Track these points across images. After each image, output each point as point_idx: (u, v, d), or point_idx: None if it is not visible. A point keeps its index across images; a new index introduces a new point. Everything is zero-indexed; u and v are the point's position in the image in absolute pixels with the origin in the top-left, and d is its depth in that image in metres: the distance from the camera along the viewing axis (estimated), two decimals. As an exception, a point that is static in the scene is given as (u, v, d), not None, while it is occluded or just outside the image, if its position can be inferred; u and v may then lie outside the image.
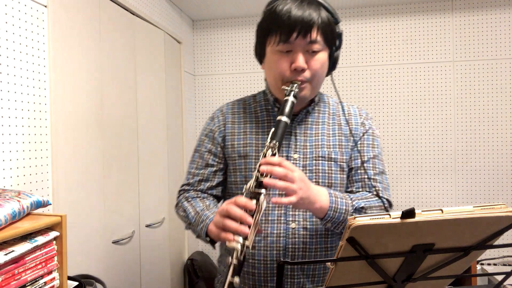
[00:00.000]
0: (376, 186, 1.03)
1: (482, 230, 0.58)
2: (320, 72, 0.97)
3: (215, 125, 1.10)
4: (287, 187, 0.82)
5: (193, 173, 1.11)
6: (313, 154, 1.01)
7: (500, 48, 2.59)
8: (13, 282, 0.87)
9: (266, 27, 0.96)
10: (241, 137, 1.05)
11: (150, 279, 2.10)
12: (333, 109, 1.09)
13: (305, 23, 0.90)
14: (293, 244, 0.98)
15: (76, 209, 1.49)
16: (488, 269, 2.34)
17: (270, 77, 1.01)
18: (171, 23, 2.53)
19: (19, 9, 1.27)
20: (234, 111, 1.10)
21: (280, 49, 0.94)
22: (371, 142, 1.07)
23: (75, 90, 1.51)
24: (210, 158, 1.09)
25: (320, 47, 0.94)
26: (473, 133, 2.63)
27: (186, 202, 1.08)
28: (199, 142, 1.13)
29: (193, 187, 1.11)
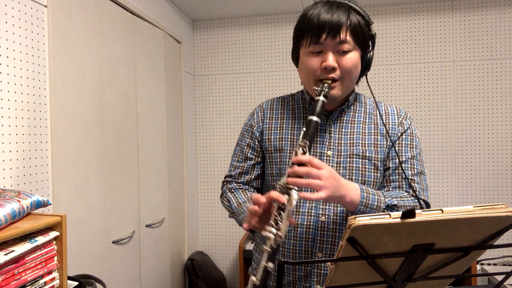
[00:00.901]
0: (414, 187, 1.04)
1: (482, 230, 0.58)
2: (350, 71, 1.00)
3: (254, 121, 1.16)
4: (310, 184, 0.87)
5: (234, 165, 1.18)
6: (348, 151, 1.04)
7: (500, 48, 2.59)
8: (13, 282, 0.87)
9: (299, 31, 1.02)
10: (277, 132, 1.11)
11: (150, 279, 2.10)
12: (370, 108, 1.12)
13: (334, 24, 0.95)
14: (322, 237, 1.02)
15: (76, 209, 1.49)
16: (488, 269, 2.35)
17: (303, 77, 1.06)
18: (171, 23, 2.53)
19: (19, 9, 1.27)
20: (272, 107, 1.16)
21: (312, 50, 0.99)
22: (409, 142, 1.07)
23: (75, 90, 1.51)
24: (249, 152, 1.15)
25: (350, 47, 0.98)
26: (473, 133, 2.63)
27: (230, 193, 1.14)
28: (240, 136, 1.20)
29: (235, 179, 1.17)
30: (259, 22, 2.89)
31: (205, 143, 2.98)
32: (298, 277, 1.05)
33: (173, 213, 2.45)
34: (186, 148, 2.71)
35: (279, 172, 1.08)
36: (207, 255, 2.87)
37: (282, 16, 2.85)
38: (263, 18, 2.88)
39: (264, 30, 2.88)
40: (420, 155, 1.09)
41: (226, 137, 2.95)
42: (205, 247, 2.96)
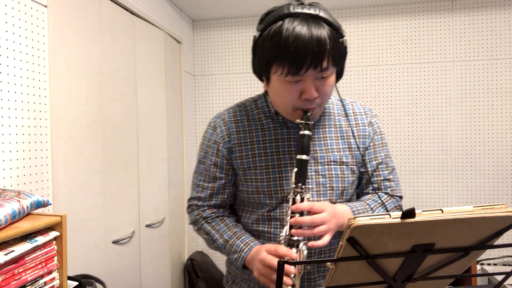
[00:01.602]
0: (391, 186, 1.07)
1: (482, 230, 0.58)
2: (329, 94, 0.95)
3: (218, 136, 1.05)
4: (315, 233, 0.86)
5: (202, 186, 1.08)
6: (325, 158, 1.02)
7: (500, 48, 2.59)
8: (13, 282, 0.87)
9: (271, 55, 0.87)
10: (248, 148, 1.02)
11: (150, 279, 2.10)
12: (337, 108, 1.09)
13: (315, 55, 0.83)
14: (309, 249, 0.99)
15: (76, 209, 1.49)
16: (488, 269, 2.35)
17: (278, 103, 0.97)
18: (171, 23, 2.53)
19: (19, 9, 1.27)
20: (237, 120, 1.05)
21: (289, 80, 0.88)
22: (380, 142, 1.08)
23: (75, 90, 1.51)
24: (217, 171, 1.05)
25: (330, 72, 0.90)
26: (473, 133, 2.63)
27: (207, 224, 1.07)
28: (203, 153, 1.08)
29: (206, 202, 1.08)
30: (259, 22, 2.89)
31: (205, 143, 2.97)
32: None
33: (173, 213, 2.45)
34: (186, 148, 2.71)
35: (255, 190, 1.02)
36: (207, 255, 2.87)
37: (282, 16, 2.85)
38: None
39: (264, 30, 2.88)
40: (389, 150, 1.11)
41: (226, 137, 2.94)
42: (205, 247, 2.96)
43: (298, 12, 0.86)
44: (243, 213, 1.09)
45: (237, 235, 1.02)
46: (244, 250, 0.97)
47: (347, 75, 2.78)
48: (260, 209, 1.03)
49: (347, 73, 2.78)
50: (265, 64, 0.91)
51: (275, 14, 0.88)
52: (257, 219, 1.04)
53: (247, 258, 0.96)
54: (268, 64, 0.90)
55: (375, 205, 1.02)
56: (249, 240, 0.99)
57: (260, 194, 1.02)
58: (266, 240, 1.03)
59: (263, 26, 0.90)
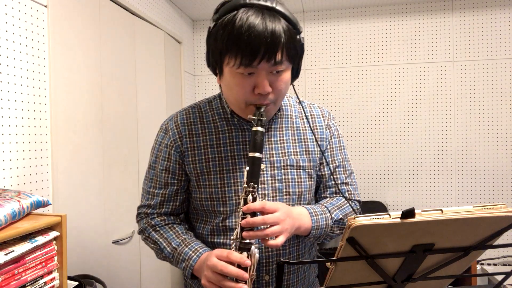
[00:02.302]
0: (348, 190, 1.05)
1: (482, 230, 0.58)
2: (284, 91, 0.91)
3: (170, 139, 0.99)
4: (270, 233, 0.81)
5: (152, 192, 1.01)
6: (281, 163, 0.98)
7: (500, 48, 2.59)
8: (13, 282, 0.87)
9: (223, 45, 0.84)
10: (201, 152, 0.97)
11: (150, 279, 2.10)
12: (295, 110, 1.05)
13: (268, 46, 0.80)
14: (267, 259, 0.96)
15: (76, 209, 1.49)
16: (488, 269, 2.35)
17: (230, 97, 0.93)
18: (171, 23, 2.53)
19: (19, 9, 1.27)
20: (190, 122, 0.99)
21: (241, 72, 0.84)
22: (338, 145, 1.06)
23: (75, 90, 1.51)
24: (168, 177, 0.99)
25: (285, 67, 0.87)
26: (473, 133, 2.63)
27: (154, 232, 1.00)
28: (154, 157, 1.02)
29: (155, 209, 1.01)
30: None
31: (205, 143, 2.98)
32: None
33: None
34: (186, 148, 2.71)
35: (208, 196, 0.97)
36: (207, 255, 2.86)
37: (282, 16, 2.85)
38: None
39: (264, 30, 2.87)
40: (347, 154, 1.08)
41: (226, 137, 2.94)
42: (205, 247, 2.96)
43: (254, 3, 0.83)
44: (197, 223, 1.03)
45: (186, 242, 0.95)
46: (193, 258, 0.91)
47: (347, 75, 2.78)
48: (214, 218, 0.97)
49: (347, 73, 2.78)
50: (217, 55, 0.87)
51: (230, 3, 0.84)
52: (211, 230, 0.98)
53: (195, 266, 0.90)
54: (220, 54, 0.86)
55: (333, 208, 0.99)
56: (199, 246, 0.93)
57: (213, 201, 0.96)
58: None
59: (218, 16, 0.86)
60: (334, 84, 2.81)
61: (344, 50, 2.79)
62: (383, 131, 2.75)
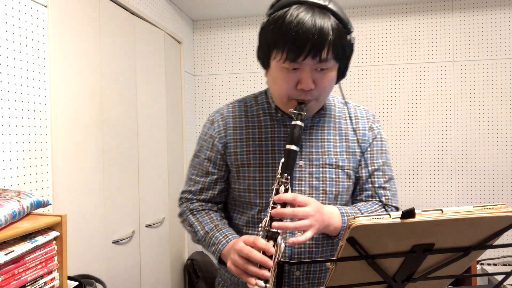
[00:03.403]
0: (385, 195, 1.01)
1: (482, 230, 0.58)
2: (327, 89, 0.92)
3: (214, 131, 1.03)
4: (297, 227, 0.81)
5: (194, 180, 1.07)
6: (320, 161, 0.98)
7: (500, 48, 2.59)
8: (13, 282, 0.87)
9: (272, 39, 0.87)
10: (243, 144, 1.00)
11: (150, 279, 2.10)
12: (339, 111, 1.06)
13: (315, 43, 0.82)
14: (299, 254, 0.97)
15: (76, 209, 1.49)
16: (488, 269, 2.34)
17: (274, 91, 0.96)
18: (171, 23, 2.53)
19: (19, 9, 1.27)
20: (235, 115, 1.03)
21: (287, 66, 0.87)
22: (379, 148, 1.04)
23: (75, 90, 1.51)
24: (210, 166, 1.04)
25: (330, 65, 0.88)
26: (473, 133, 2.63)
27: (192, 216, 1.05)
28: (199, 146, 1.07)
29: (195, 196, 1.07)
30: (259, 22, 2.89)
31: (205, 143, 2.98)
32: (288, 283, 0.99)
33: (173, 213, 2.45)
34: (186, 148, 2.71)
35: (247, 187, 0.99)
36: (207, 255, 2.87)
37: (282, 16, 2.85)
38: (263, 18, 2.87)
39: (264, 30, 2.88)
40: (389, 159, 1.06)
41: (226, 137, 2.94)
42: (205, 247, 2.96)
43: (306, 1, 0.85)
44: (235, 213, 1.06)
45: (218, 227, 0.98)
46: (222, 243, 0.94)
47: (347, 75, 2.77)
48: (250, 210, 1.00)
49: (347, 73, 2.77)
50: (266, 49, 0.91)
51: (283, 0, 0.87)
52: (247, 221, 1.01)
53: (223, 251, 0.93)
54: (268, 48, 0.90)
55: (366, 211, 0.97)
56: (229, 233, 0.96)
57: (251, 192, 0.99)
58: None
59: (271, 12, 0.89)
60: (334, 84, 2.80)
61: (344, 50, 2.79)
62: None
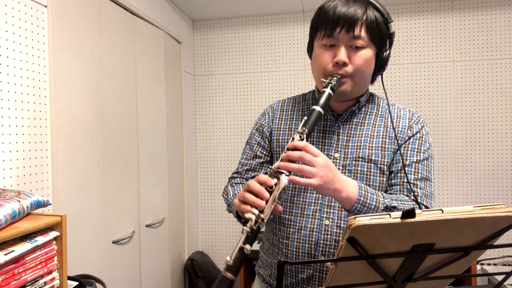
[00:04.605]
0: (415, 192, 0.99)
1: (482, 230, 0.58)
2: (362, 68, 0.98)
3: (265, 120, 1.16)
4: (301, 169, 0.84)
5: (242, 163, 1.18)
6: (354, 154, 1.02)
7: (500, 48, 2.59)
8: (13, 282, 0.87)
9: (315, 23, 1.02)
10: (286, 133, 1.10)
11: (150, 279, 2.10)
12: (382, 110, 1.08)
13: (349, 18, 0.94)
14: (325, 240, 1.01)
15: (76, 209, 1.49)
16: (488, 269, 2.34)
17: (314, 71, 1.05)
18: (171, 23, 2.53)
19: (19, 9, 1.27)
20: (283, 108, 1.15)
21: (325, 43, 0.98)
22: (416, 146, 1.03)
23: (75, 90, 1.51)
24: (258, 150, 1.15)
25: (364, 44, 0.96)
26: (473, 133, 2.63)
27: (230, 186, 1.15)
28: (250, 135, 1.20)
29: (241, 175, 1.17)
30: (259, 22, 2.89)
31: (205, 143, 2.98)
32: (300, 279, 1.04)
33: (173, 213, 2.45)
34: (186, 148, 2.71)
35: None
36: (207, 255, 2.87)
37: (282, 16, 2.85)
38: (263, 18, 2.88)
39: (264, 30, 2.88)
40: (429, 160, 1.03)
41: (226, 137, 2.95)
42: (205, 247, 2.96)
43: None
44: None
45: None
46: None
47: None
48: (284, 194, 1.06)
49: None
50: (311, 35, 1.05)
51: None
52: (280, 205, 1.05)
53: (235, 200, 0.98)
54: (312, 33, 1.04)
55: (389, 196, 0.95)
56: None
57: None
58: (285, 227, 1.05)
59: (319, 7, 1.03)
60: (334, 84, 2.80)
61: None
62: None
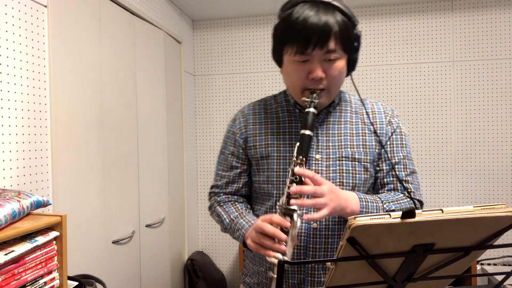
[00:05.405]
0: (408, 188, 1.03)
1: (482, 230, 0.58)
2: (337, 78, 0.98)
3: (236, 127, 1.12)
4: (315, 203, 0.86)
5: (220, 175, 1.15)
6: (336, 154, 1.02)
7: (500, 48, 2.59)
8: (13, 282, 0.87)
9: (282, 36, 0.96)
10: (262, 138, 1.07)
11: (150, 279, 2.10)
12: (356, 107, 1.09)
13: (321, 34, 0.89)
14: (314, 244, 1.00)
15: (76, 209, 1.49)
16: (488, 269, 2.34)
17: (289, 84, 1.03)
18: (171, 23, 2.53)
19: (19, 9, 1.27)
20: (255, 112, 1.11)
21: (297, 59, 0.94)
22: (399, 142, 1.06)
23: (75, 90, 1.51)
24: (233, 160, 1.11)
25: (338, 55, 0.94)
26: (473, 133, 2.63)
27: (219, 207, 1.12)
28: (223, 144, 1.16)
29: (222, 189, 1.15)
30: (259, 22, 2.89)
31: (205, 143, 2.98)
32: (291, 284, 1.02)
33: (173, 213, 2.45)
34: (186, 148, 2.71)
35: (266, 179, 1.05)
36: (207, 255, 2.87)
37: (282, 16, 2.85)
38: (263, 18, 2.88)
39: (263, 30, 2.88)
40: (410, 153, 1.08)
41: (226, 137, 2.95)
42: (205, 247, 2.96)
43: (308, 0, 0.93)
44: (256, 205, 1.12)
45: (242, 214, 1.05)
46: (245, 227, 1.00)
47: (347, 75, 2.78)
48: (268, 201, 1.05)
49: (347, 73, 2.77)
50: (278, 46, 0.99)
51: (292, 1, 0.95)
52: (265, 212, 1.06)
53: (246, 235, 0.98)
54: (280, 45, 0.98)
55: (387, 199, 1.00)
56: (252, 219, 1.02)
57: (269, 184, 1.04)
58: None
59: (281, 12, 0.97)
60: (334, 84, 2.80)
61: (344, 50, 2.79)
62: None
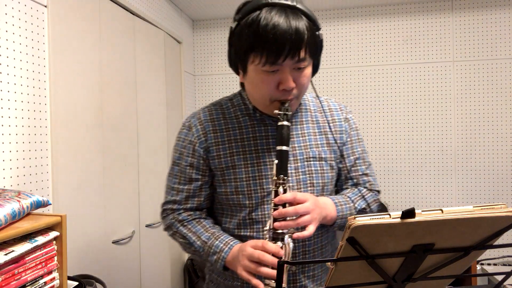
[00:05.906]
0: (369, 181, 1.08)
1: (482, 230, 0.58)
2: (306, 86, 0.94)
3: (194, 136, 1.01)
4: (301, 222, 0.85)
5: (176, 189, 1.03)
6: (304, 155, 1.01)
7: (500, 48, 2.59)
8: (13, 282, 0.87)
9: (248, 44, 0.86)
10: (226, 146, 0.99)
11: (150, 279, 2.10)
12: (313, 105, 1.08)
13: (293, 44, 0.83)
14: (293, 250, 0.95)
15: (76, 209, 1.49)
16: (488, 269, 2.34)
17: (254, 94, 0.95)
18: (171, 23, 2.53)
19: (19, 9, 1.27)
20: (213, 118, 1.02)
21: (267, 69, 0.87)
22: (357, 138, 1.09)
23: (75, 90, 1.51)
24: (193, 172, 1.01)
25: (307, 63, 0.90)
26: (473, 133, 2.63)
27: (182, 227, 1.02)
28: (177, 154, 1.04)
29: (181, 205, 1.03)
30: (259, 22, 2.89)
31: (205, 143, 2.98)
32: None
33: (173, 213, 2.45)
34: (186, 148, 2.71)
35: (234, 190, 0.98)
36: (207, 255, 2.87)
37: (282, 16, 2.85)
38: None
39: (264, 30, 2.88)
40: (364, 146, 1.11)
41: (226, 137, 2.95)
42: (205, 247, 2.96)
43: (276, 2, 0.85)
44: (223, 217, 1.04)
45: (215, 235, 0.97)
46: (224, 250, 0.93)
47: (347, 75, 2.78)
48: (240, 212, 0.99)
49: (347, 73, 2.78)
50: (242, 54, 0.90)
51: (253, 3, 0.87)
52: (238, 223, 1.00)
53: (228, 258, 0.92)
54: (245, 53, 0.89)
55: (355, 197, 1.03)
56: (229, 239, 0.95)
57: (239, 194, 0.98)
58: None
59: (241, 16, 0.89)
60: (334, 84, 2.81)
61: (344, 50, 2.79)
62: (383, 131, 2.74)
